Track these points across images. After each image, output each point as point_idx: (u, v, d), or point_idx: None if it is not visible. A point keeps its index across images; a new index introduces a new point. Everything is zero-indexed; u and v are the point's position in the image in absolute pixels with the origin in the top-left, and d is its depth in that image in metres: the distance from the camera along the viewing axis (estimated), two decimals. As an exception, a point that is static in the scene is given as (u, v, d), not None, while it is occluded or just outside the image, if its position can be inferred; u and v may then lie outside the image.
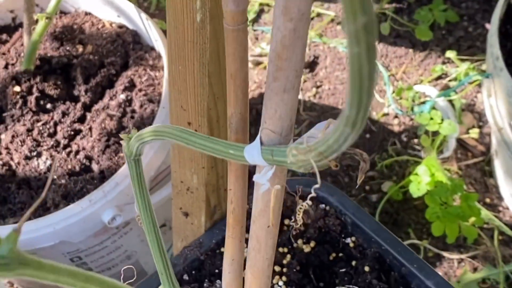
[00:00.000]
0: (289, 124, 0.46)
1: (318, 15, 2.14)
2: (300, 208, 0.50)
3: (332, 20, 2.10)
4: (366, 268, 0.96)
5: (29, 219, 1.26)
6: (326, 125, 0.43)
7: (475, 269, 1.56)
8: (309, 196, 0.45)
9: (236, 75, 0.51)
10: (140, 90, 1.42)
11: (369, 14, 0.27)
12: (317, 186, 0.42)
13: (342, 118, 0.34)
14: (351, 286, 0.93)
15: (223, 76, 0.79)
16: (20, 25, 1.60)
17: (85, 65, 1.46)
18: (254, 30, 2.14)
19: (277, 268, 0.98)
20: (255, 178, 0.47)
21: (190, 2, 0.71)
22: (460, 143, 1.77)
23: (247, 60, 0.50)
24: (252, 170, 0.52)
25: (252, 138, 0.48)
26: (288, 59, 0.42)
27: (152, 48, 1.52)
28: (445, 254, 1.58)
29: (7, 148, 1.37)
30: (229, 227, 0.62)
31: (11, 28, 1.63)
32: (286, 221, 1.01)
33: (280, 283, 0.97)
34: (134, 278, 0.83)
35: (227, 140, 0.58)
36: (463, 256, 1.58)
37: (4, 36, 1.59)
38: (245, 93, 0.52)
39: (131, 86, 1.44)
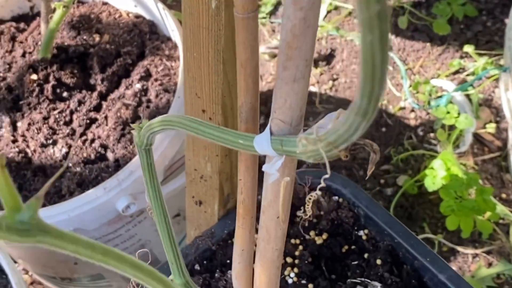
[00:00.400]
0: (299, 114, 0.45)
1: (336, 8, 2.13)
2: (310, 199, 0.49)
3: (350, 13, 2.09)
4: (378, 261, 0.96)
5: (44, 206, 1.27)
6: (336, 115, 0.43)
7: (489, 264, 1.55)
8: (319, 186, 0.45)
9: (247, 64, 0.51)
10: (156, 79, 1.42)
11: (383, 1, 0.27)
12: (326, 176, 0.41)
13: (353, 107, 0.34)
14: (363, 278, 0.93)
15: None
16: (38, 14, 1.61)
17: (102, 54, 1.47)
18: (271, 23, 2.14)
19: (289, 260, 0.98)
20: (264, 167, 0.47)
21: (206, -12, 0.71)
22: (477, 137, 1.75)
23: (257, 49, 0.50)
24: (262, 161, 0.52)
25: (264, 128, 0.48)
26: (298, 48, 0.41)
27: (169, 38, 1.52)
28: (459, 248, 1.57)
29: (23, 135, 1.38)
30: (239, 217, 0.62)
31: (28, 17, 1.64)
32: (298, 213, 1.01)
33: (292, 274, 0.97)
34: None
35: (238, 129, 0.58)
36: (477, 251, 1.57)
37: (21, 25, 1.60)
38: (256, 82, 0.52)
39: (147, 76, 1.44)
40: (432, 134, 1.77)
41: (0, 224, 0.37)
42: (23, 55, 1.49)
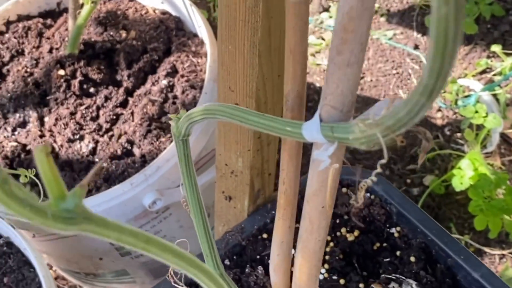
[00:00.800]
0: (351, 100, 0.45)
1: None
2: (362, 186, 0.48)
3: (376, 12, 2.07)
4: (412, 259, 0.95)
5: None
6: (391, 100, 0.42)
7: (517, 266, 1.53)
8: (374, 172, 0.44)
9: (296, 50, 0.50)
10: (182, 76, 1.42)
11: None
12: (383, 161, 0.40)
13: (419, 87, 0.33)
14: (397, 275, 0.91)
15: (273, 56, 0.78)
16: (65, 10, 1.61)
17: (128, 51, 1.47)
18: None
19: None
20: (316, 154, 0.46)
21: (243, -21, 0.70)
22: (504, 138, 1.73)
23: (307, 35, 0.49)
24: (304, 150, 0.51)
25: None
26: (354, 31, 0.40)
27: (195, 35, 1.52)
28: (486, 249, 1.56)
29: (50, 130, 1.38)
30: (279, 208, 0.61)
31: (55, 13, 1.64)
32: (350, 200, 1.00)
33: (323, 270, 0.96)
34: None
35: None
36: (505, 252, 1.55)
37: (49, 21, 1.60)
38: (304, 69, 0.51)
39: (173, 72, 1.44)
40: (459, 134, 1.76)
41: (46, 213, 0.36)
42: (50, 51, 1.49)
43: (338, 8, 0.40)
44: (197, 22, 1.49)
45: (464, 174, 1.49)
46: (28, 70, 1.46)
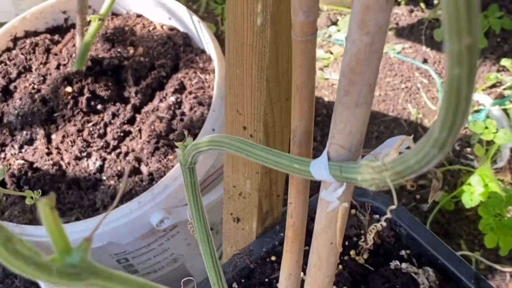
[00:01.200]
0: (359, 140, 0.44)
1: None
2: (373, 229, 0.47)
3: (384, 25, 2.06)
4: (423, 282, 0.94)
5: (78, 219, 1.26)
6: (399, 142, 0.41)
7: (528, 284, 1.52)
8: (384, 217, 0.43)
9: (303, 87, 0.49)
10: (190, 92, 1.42)
11: (475, 35, 0.25)
12: (393, 207, 0.39)
13: (429, 139, 0.32)
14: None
15: (281, 80, 0.77)
16: (72, 26, 1.61)
17: (136, 67, 1.46)
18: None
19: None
20: (322, 195, 0.45)
21: (251, 5, 0.69)
22: (514, 153, 1.72)
23: (314, 72, 0.48)
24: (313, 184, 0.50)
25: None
26: (362, 73, 0.40)
27: (203, 51, 1.51)
28: (497, 266, 1.54)
29: (57, 148, 1.38)
30: (287, 241, 0.61)
31: (63, 29, 1.64)
32: (359, 242, 0.99)
33: (332, 294, 0.95)
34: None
35: (287, 151, 0.56)
36: (516, 269, 1.54)
37: (56, 37, 1.60)
38: (311, 106, 0.50)
39: (181, 89, 1.44)
40: (468, 149, 1.74)
41: (51, 269, 0.35)
42: (58, 67, 1.49)
43: (346, 49, 0.40)
44: (205, 38, 1.48)
45: (474, 191, 1.48)
46: (36, 86, 1.46)
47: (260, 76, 0.77)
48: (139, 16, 1.62)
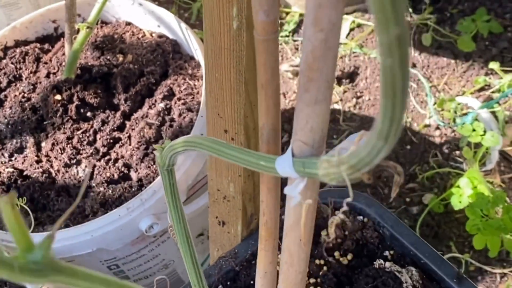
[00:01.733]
0: (321, 136, 0.45)
1: (359, 25, 2.12)
2: (332, 222, 0.48)
3: (373, 31, 2.08)
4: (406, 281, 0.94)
5: (67, 226, 1.27)
6: (359, 137, 0.42)
7: (518, 285, 1.52)
8: (341, 209, 0.44)
9: (267, 86, 0.50)
10: (179, 99, 1.43)
11: (402, 25, 0.26)
12: (349, 199, 0.40)
13: (375, 131, 0.33)
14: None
15: (259, 83, 0.78)
16: (62, 35, 1.62)
17: (125, 74, 1.47)
18: (294, 41, 2.14)
19: (312, 280, 0.97)
20: (286, 190, 0.46)
21: (227, 9, 0.70)
22: (503, 155, 1.73)
23: (278, 71, 0.49)
24: (284, 182, 0.51)
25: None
26: (319, 70, 0.41)
27: (192, 58, 1.52)
28: (487, 268, 1.55)
29: (47, 155, 1.39)
30: (261, 239, 0.62)
31: (53, 38, 1.65)
32: (323, 233, 1.00)
33: (316, 295, 0.96)
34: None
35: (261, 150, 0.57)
36: (505, 270, 1.54)
37: (46, 46, 1.61)
38: (277, 103, 0.51)
39: (170, 95, 1.45)
40: (457, 152, 1.75)
41: (13, 265, 0.36)
42: (48, 76, 1.50)
43: (302, 47, 0.41)
44: (193, 45, 1.49)
45: (462, 193, 1.49)
46: (26, 95, 1.47)
47: (238, 79, 0.78)
48: (128, 24, 1.63)
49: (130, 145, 1.37)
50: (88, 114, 1.43)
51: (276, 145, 0.54)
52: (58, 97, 1.43)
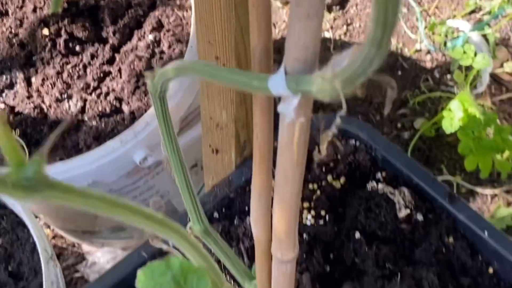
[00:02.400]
0: (313, 52, 0.44)
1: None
2: (324, 138, 0.49)
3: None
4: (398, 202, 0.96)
5: (62, 159, 1.27)
6: (353, 50, 0.42)
7: (509, 204, 1.55)
8: (334, 123, 0.44)
9: (258, 3, 0.49)
10: (168, 30, 1.41)
11: None
12: (342, 113, 0.41)
13: (368, 39, 0.33)
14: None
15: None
16: (47, -33, 1.59)
17: (112, 7, 1.45)
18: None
19: (306, 204, 0.98)
20: (279, 108, 0.46)
21: None
22: (494, 78, 1.73)
23: (269, -13, 0.49)
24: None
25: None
26: (311, -17, 0.40)
27: (179, -12, 1.50)
28: (478, 189, 1.57)
29: (38, 91, 1.38)
30: (255, 163, 0.62)
31: (38, -29, 1.62)
32: (314, 154, 1.00)
33: (309, 217, 0.97)
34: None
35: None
36: (496, 191, 1.56)
37: (31, -20, 1.58)
38: (268, 22, 0.51)
39: (159, 27, 1.43)
40: (448, 76, 1.75)
41: (6, 182, 0.36)
42: (34, 10, 1.48)
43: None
44: (181, -25, 1.47)
45: (453, 116, 1.49)
46: (13, 31, 1.45)
47: (228, 4, 0.78)
48: (113, -45, 1.60)
49: (120, 78, 1.36)
50: (77, 48, 1.42)
51: (269, 65, 0.54)
52: (45, 31, 1.41)
